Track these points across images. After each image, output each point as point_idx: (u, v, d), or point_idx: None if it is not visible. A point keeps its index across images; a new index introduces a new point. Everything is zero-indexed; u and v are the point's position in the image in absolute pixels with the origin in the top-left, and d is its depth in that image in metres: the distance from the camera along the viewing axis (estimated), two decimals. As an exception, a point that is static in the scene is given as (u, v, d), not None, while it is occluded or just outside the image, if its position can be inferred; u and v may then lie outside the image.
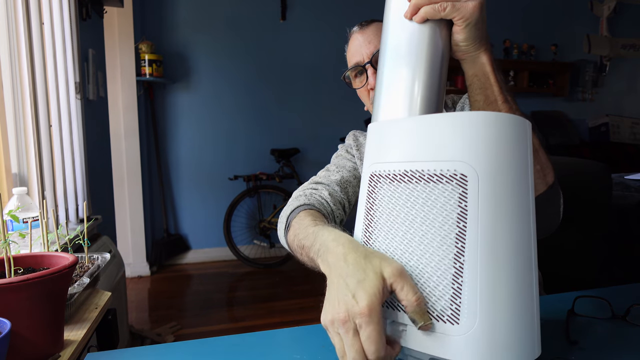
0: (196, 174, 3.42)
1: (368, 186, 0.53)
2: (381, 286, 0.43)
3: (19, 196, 1.07)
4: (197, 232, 3.47)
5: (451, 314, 0.42)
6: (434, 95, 0.55)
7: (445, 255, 0.44)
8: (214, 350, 0.55)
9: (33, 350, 0.59)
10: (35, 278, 0.56)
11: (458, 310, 0.42)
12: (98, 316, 0.79)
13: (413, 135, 0.49)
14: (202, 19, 3.29)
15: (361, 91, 0.95)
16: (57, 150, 1.59)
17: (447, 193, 0.44)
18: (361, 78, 0.94)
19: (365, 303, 0.42)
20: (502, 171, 0.43)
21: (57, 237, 0.86)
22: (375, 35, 0.90)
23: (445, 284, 0.43)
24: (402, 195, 0.48)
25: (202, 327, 2.30)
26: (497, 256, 0.42)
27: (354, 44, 0.93)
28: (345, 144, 1.07)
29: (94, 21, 2.20)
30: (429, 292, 0.44)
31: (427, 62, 0.55)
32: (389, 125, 0.52)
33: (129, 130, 3.02)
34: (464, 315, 0.41)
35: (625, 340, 0.55)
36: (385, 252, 0.49)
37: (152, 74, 3.05)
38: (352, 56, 0.94)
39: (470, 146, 0.44)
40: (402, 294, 0.43)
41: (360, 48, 0.91)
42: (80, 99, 1.80)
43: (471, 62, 0.61)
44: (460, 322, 0.42)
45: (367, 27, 0.92)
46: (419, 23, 0.55)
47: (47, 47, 1.53)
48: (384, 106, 0.57)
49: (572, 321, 0.59)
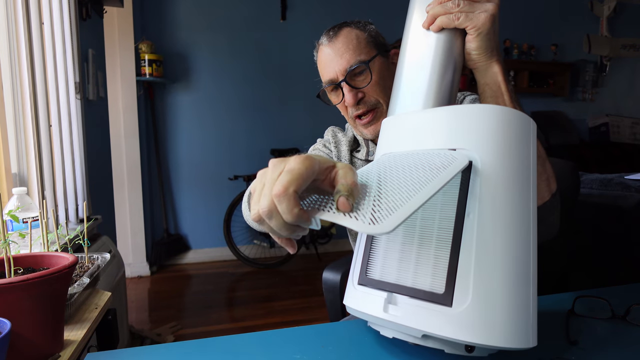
0: (196, 173, 3.42)
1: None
2: (328, 162, 0.41)
3: (19, 196, 1.07)
4: (197, 232, 3.47)
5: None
6: (446, 95, 0.59)
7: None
8: (214, 350, 0.55)
9: (33, 350, 0.59)
10: (35, 278, 0.55)
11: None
12: (98, 316, 0.79)
13: (424, 125, 0.52)
14: (202, 19, 3.29)
15: (339, 106, 0.94)
16: (57, 150, 1.59)
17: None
18: (337, 93, 0.92)
19: (303, 156, 0.40)
20: (504, 158, 0.46)
21: (57, 237, 0.86)
22: (346, 47, 0.87)
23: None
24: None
25: (202, 327, 2.30)
26: (494, 239, 0.44)
27: (324, 57, 0.91)
28: (324, 138, 1.07)
29: (94, 21, 2.20)
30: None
31: (441, 67, 0.59)
32: (402, 118, 0.56)
33: (129, 130, 3.02)
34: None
35: (625, 340, 0.55)
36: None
37: (152, 74, 3.05)
38: (325, 71, 0.91)
39: (476, 135, 0.47)
40: (341, 176, 0.40)
41: (332, 63, 0.89)
42: (80, 99, 1.80)
43: (483, 71, 0.63)
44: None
45: (336, 39, 0.89)
46: (435, 32, 0.59)
47: (47, 47, 1.52)
48: (400, 104, 0.61)
49: (572, 321, 0.59)
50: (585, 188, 1.22)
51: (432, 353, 0.50)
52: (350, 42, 0.88)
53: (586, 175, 1.26)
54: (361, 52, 0.88)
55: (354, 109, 0.90)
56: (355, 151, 1.01)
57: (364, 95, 0.89)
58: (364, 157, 0.99)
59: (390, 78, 0.90)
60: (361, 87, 0.88)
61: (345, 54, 0.87)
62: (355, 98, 0.88)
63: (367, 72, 0.88)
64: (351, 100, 0.88)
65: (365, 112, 0.90)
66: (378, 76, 0.89)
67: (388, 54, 0.94)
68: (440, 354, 0.50)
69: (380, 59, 0.90)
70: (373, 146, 0.99)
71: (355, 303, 0.51)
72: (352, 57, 0.87)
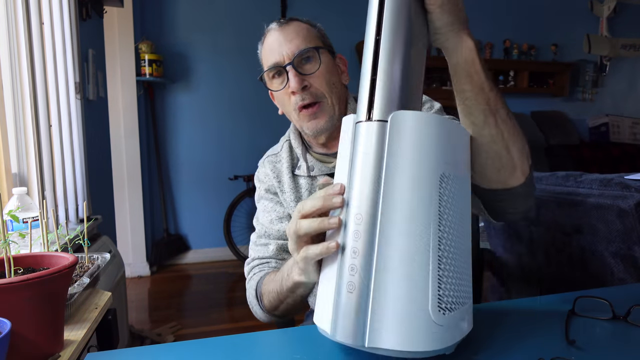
0: (196, 173, 3.41)
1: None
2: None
3: (19, 196, 1.07)
4: (197, 232, 3.47)
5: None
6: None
7: None
8: (214, 350, 0.55)
9: (33, 350, 0.59)
10: (35, 278, 0.55)
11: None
12: (98, 316, 0.79)
13: None
14: (202, 19, 3.29)
15: (280, 94, 0.87)
16: (57, 150, 1.59)
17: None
18: (280, 79, 0.86)
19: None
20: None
21: (57, 237, 0.86)
22: (296, 34, 0.84)
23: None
24: None
25: (202, 327, 2.30)
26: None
27: (271, 41, 0.85)
28: (262, 180, 0.98)
29: (94, 21, 2.19)
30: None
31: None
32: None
33: (129, 130, 3.02)
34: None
35: (626, 341, 0.55)
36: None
37: (152, 74, 3.05)
38: (270, 55, 0.85)
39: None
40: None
41: (279, 47, 0.83)
42: (80, 99, 1.80)
43: (453, 48, 0.56)
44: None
45: (287, 25, 0.85)
46: None
47: (47, 47, 1.52)
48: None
49: (572, 321, 0.59)
50: (585, 188, 1.22)
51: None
52: (301, 31, 0.85)
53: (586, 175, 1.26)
54: (311, 41, 0.85)
55: (298, 98, 0.83)
56: (297, 169, 0.94)
57: (310, 85, 0.83)
58: (305, 174, 0.92)
59: (336, 76, 0.88)
60: (308, 74, 0.83)
61: (295, 40, 0.83)
62: (301, 83, 0.82)
63: (316, 60, 0.84)
64: (296, 85, 0.81)
65: (311, 104, 0.84)
66: (325, 68, 0.84)
67: (335, 55, 0.91)
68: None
69: (328, 54, 0.87)
70: (312, 159, 0.92)
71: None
72: (302, 43, 0.83)
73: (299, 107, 0.84)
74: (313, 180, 0.92)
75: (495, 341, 0.54)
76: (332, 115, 0.86)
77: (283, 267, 0.75)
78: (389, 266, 0.45)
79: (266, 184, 0.97)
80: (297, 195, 0.92)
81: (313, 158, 0.93)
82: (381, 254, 0.45)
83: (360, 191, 0.47)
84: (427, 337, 0.44)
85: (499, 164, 0.61)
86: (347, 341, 0.46)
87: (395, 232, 0.45)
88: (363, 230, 0.46)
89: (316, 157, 0.93)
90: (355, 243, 0.46)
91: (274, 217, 0.94)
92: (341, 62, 0.93)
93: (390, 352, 0.44)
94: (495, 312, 0.63)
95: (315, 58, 0.84)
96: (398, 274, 0.45)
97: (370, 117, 0.49)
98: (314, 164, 0.92)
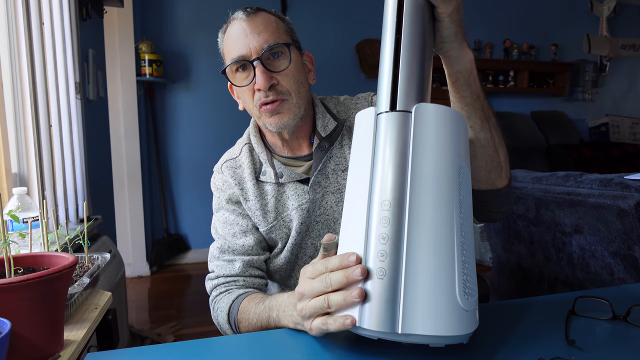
0: (196, 173, 3.41)
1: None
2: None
3: (19, 196, 1.07)
4: (197, 232, 3.47)
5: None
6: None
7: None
8: (214, 350, 0.55)
9: (33, 350, 0.59)
10: (35, 278, 0.55)
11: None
12: (98, 316, 0.79)
13: None
14: (202, 19, 3.29)
15: (243, 90, 0.81)
16: (57, 150, 1.59)
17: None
18: (245, 74, 0.80)
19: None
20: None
21: (57, 237, 0.86)
22: (265, 27, 0.78)
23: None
24: None
25: (202, 327, 2.30)
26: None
27: (236, 32, 0.79)
28: (220, 189, 0.93)
29: (94, 21, 2.20)
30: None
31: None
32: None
33: (129, 130, 3.02)
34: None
35: (626, 341, 0.55)
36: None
37: (152, 74, 3.05)
38: (234, 46, 0.79)
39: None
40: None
41: (246, 39, 0.77)
42: (80, 99, 1.80)
43: (456, 59, 0.61)
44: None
45: (255, 16, 0.79)
46: None
47: (47, 47, 1.52)
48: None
49: (572, 321, 0.59)
50: (585, 188, 1.22)
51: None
52: (270, 23, 0.79)
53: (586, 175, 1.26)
54: (280, 36, 0.79)
55: (262, 94, 0.78)
56: (262, 175, 0.88)
57: (277, 83, 0.78)
58: (273, 180, 0.86)
59: (304, 75, 0.84)
60: (277, 71, 0.78)
61: (264, 33, 0.77)
62: (269, 81, 0.77)
63: (286, 57, 0.79)
64: (264, 82, 0.76)
65: (273, 100, 0.79)
66: (295, 66, 0.80)
67: (302, 53, 0.87)
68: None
69: (297, 51, 0.83)
70: (279, 165, 0.86)
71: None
72: (271, 37, 0.78)
73: (260, 104, 0.80)
74: (280, 187, 0.86)
75: (495, 341, 0.54)
76: (295, 113, 0.81)
77: (270, 304, 0.69)
78: (419, 252, 0.45)
79: (227, 193, 0.90)
80: (262, 202, 0.86)
81: (280, 163, 0.87)
82: (411, 240, 0.45)
83: (385, 178, 0.48)
84: (455, 321, 0.45)
85: (490, 166, 0.68)
86: (380, 328, 0.44)
87: (425, 218, 0.46)
88: (391, 216, 0.46)
89: (282, 161, 0.88)
90: (383, 229, 0.46)
91: (237, 230, 0.89)
92: (308, 60, 0.89)
93: (422, 337, 0.44)
94: (495, 312, 0.63)
95: (285, 55, 0.79)
96: (429, 259, 0.45)
97: (393, 107, 0.51)
98: (282, 170, 0.85)
